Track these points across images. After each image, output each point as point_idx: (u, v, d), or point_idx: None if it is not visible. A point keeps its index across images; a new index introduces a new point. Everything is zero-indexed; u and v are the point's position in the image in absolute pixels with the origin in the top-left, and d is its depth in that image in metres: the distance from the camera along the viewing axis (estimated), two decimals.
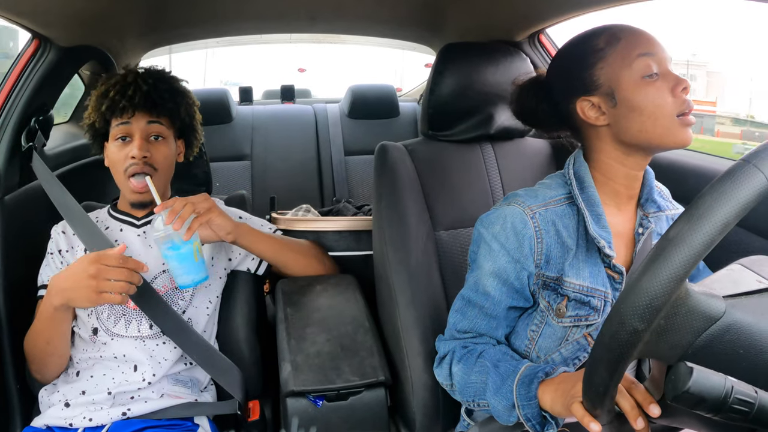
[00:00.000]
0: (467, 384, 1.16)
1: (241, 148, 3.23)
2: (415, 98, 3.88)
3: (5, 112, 1.66)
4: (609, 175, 1.15)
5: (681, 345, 0.68)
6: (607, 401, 0.74)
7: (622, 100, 1.08)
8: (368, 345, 1.46)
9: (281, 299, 1.61)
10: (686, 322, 0.67)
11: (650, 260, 0.63)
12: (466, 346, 1.21)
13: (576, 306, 1.13)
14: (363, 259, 1.80)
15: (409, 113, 3.51)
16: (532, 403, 1.02)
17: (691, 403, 0.67)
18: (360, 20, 2.57)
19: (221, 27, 2.62)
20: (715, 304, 0.68)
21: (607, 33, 1.11)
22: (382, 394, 1.38)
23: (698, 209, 0.62)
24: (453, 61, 1.58)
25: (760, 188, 0.60)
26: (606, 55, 1.10)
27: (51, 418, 1.37)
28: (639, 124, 1.07)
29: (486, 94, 1.57)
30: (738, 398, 0.65)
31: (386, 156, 1.56)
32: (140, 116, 1.49)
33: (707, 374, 0.66)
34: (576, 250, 1.14)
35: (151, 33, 2.36)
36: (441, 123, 1.61)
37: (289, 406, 1.34)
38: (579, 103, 1.14)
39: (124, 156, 1.48)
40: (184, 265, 1.35)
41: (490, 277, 1.18)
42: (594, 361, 0.72)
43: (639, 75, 1.06)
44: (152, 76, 1.53)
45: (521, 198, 1.17)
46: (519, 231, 1.14)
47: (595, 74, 1.11)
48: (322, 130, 3.38)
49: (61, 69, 1.80)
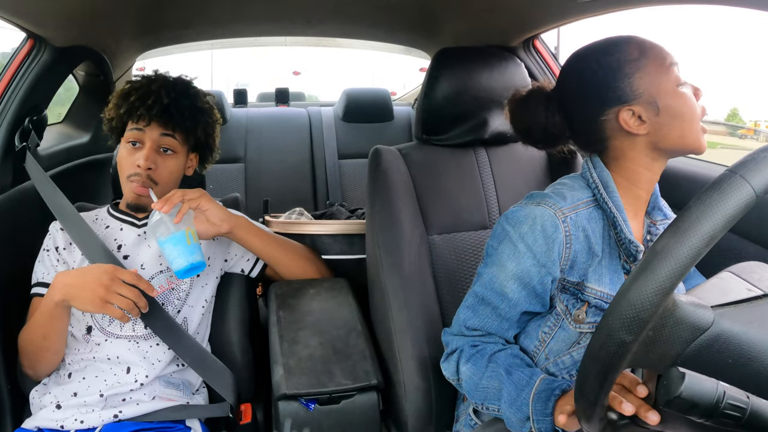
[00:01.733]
0: (477, 387, 1.15)
1: (234, 150, 3.23)
2: (410, 102, 3.89)
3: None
4: (634, 180, 1.14)
5: (670, 355, 0.68)
6: (598, 410, 0.74)
7: (665, 107, 1.07)
8: (361, 348, 1.46)
9: (274, 302, 1.61)
10: (674, 332, 0.67)
11: (637, 272, 0.64)
12: (475, 345, 1.19)
13: (596, 313, 1.12)
14: (356, 262, 1.80)
15: (404, 117, 3.52)
16: (547, 419, 1.02)
17: (683, 409, 0.67)
18: (356, 24, 2.58)
19: (217, 29, 2.62)
20: (703, 314, 0.68)
21: (636, 43, 1.10)
22: (374, 398, 1.38)
23: (684, 222, 0.62)
24: (448, 65, 1.58)
25: (747, 200, 0.61)
26: (643, 65, 1.08)
27: (42, 420, 1.36)
28: (679, 131, 1.07)
29: (480, 98, 1.57)
30: (730, 403, 0.65)
31: (380, 160, 1.56)
32: (155, 126, 1.49)
33: (699, 379, 0.66)
34: (601, 257, 1.13)
35: (145, 34, 2.36)
36: (435, 127, 1.61)
37: (281, 409, 1.33)
38: (621, 113, 1.10)
39: (132, 161, 1.49)
40: (178, 248, 1.34)
41: (511, 279, 1.14)
42: (584, 371, 0.72)
43: (674, 83, 1.08)
44: (177, 88, 1.53)
45: (551, 199, 1.13)
46: (549, 234, 1.11)
47: (635, 83, 1.09)
48: (317, 134, 3.38)
49: (55, 69, 1.80)
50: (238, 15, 2.32)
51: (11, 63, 1.70)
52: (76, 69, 2.16)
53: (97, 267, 1.32)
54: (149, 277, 1.48)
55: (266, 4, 2.20)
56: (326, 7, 2.26)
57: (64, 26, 1.71)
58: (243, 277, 1.67)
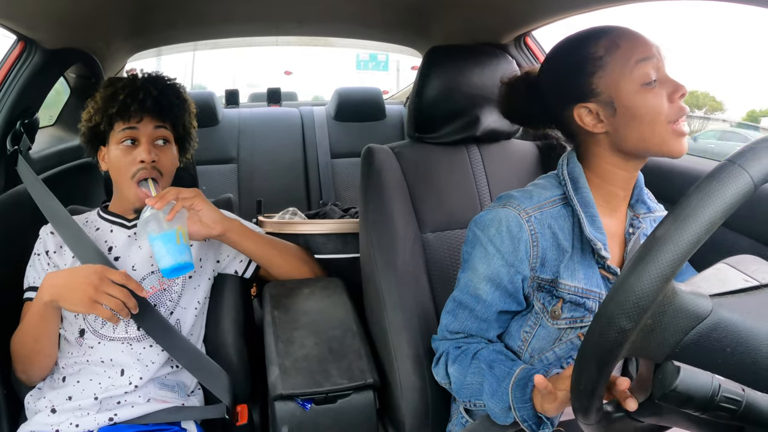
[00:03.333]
0: (463, 385, 1.17)
1: (227, 151, 3.22)
2: (402, 101, 3.89)
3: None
4: (606, 178, 1.14)
5: (669, 343, 0.69)
6: (596, 400, 0.74)
7: (622, 108, 1.06)
8: (356, 348, 1.46)
9: (269, 302, 1.60)
10: (673, 320, 0.68)
11: (637, 259, 0.64)
12: (459, 347, 1.21)
13: (571, 308, 1.13)
14: (350, 261, 1.80)
15: (396, 116, 3.52)
16: (527, 405, 1.04)
17: (678, 402, 0.67)
18: (347, 23, 2.58)
19: (207, 30, 2.61)
20: (702, 302, 0.68)
21: (606, 39, 1.08)
22: (370, 397, 1.38)
23: (684, 209, 0.62)
24: (439, 63, 1.58)
25: (745, 188, 0.61)
26: (605, 63, 1.07)
27: (37, 425, 1.36)
28: (638, 133, 1.05)
29: (472, 96, 1.57)
30: (725, 396, 0.66)
31: (373, 158, 1.56)
32: (148, 121, 1.50)
33: (694, 373, 0.67)
34: (571, 252, 1.13)
35: (136, 36, 2.36)
36: (427, 125, 1.61)
37: (278, 409, 1.33)
38: (576, 110, 1.11)
39: (131, 160, 1.48)
40: (167, 246, 1.33)
41: (483, 281, 1.17)
42: (582, 360, 0.72)
43: (638, 83, 1.04)
44: (160, 82, 1.55)
45: (516, 200, 1.15)
46: (515, 235, 1.13)
47: (594, 82, 1.08)
48: (309, 133, 3.38)
49: (46, 72, 1.80)
50: (229, 15, 2.32)
51: (2, 66, 1.69)
52: (68, 71, 2.15)
53: (86, 267, 1.32)
54: (140, 278, 1.48)
55: (256, 5, 2.20)
56: (317, 7, 2.26)
57: (55, 29, 1.71)
58: (237, 278, 1.66)
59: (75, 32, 1.83)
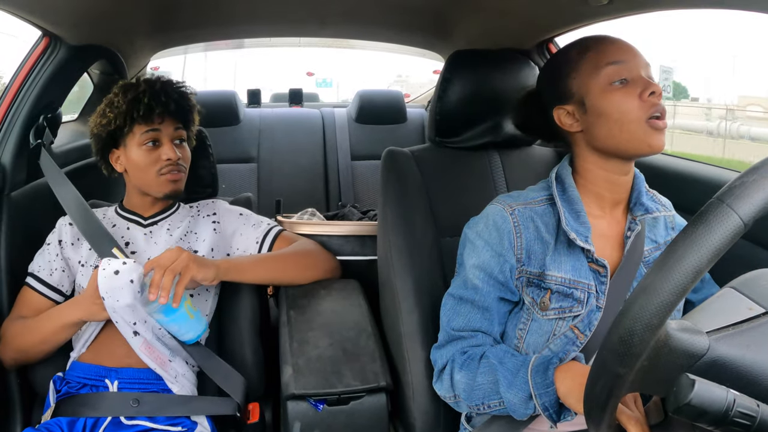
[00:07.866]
0: (474, 388, 1.15)
1: (247, 150, 3.24)
2: (423, 104, 3.89)
3: (14, 109, 1.67)
4: (590, 178, 1.21)
5: (668, 380, 0.69)
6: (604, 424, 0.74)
7: (591, 106, 1.14)
8: (370, 350, 1.46)
9: (285, 302, 1.61)
10: (669, 361, 0.68)
11: (625, 310, 0.64)
12: (465, 352, 1.21)
13: (559, 298, 1.16)
14: (367, 263, 1.80)
15: (417, 119, 3.52)
16: (549, 390, 1.04)
17: (692, 416, 0.66)
18: (369, 25, 2.58)
19: (231, 29, 2.62)
20: (698, 341, 0.68)
21: (580, 44, 1.19)
22: (383, 400, 1.38)
23: (670, 257, 0.62)
24: (461, 68, 1.58)
25: (734, 230, 0.60)
26: (579, 65, 1.16)
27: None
28: (606, 130, 1.12)
29: (494, 101, 1.56)
30: (740, 411, 0.64)
31: (393, 162, 1.56)
32: (169, 123, 1.56)
33: (709, 386, 0.65)
34: (555, 245, 1.18)
35: (160, 33, 2.37)
36: (448, 130, 1.61)
37: (290, 409, 1.34)
38: (556, 111, 1.21)
39: (155, 159, 1.54)
40: (182, 325, 1.42)
41: (476, 270, 1.22)
42: (588, 396, 0.73)
43: (606, 82, 1.12)
44: (175, 86, 1.60)
45: (503, 198, 1.25)
46: (500, 226, 1.20)
47: (569, 84, 1.18)
48: (330, 135, 3.38)
49: (70, 67, 1.81)
50: (253, 15, 2.33)
51: (26, 60, 1.71)
52: (91, 68, 2.17)
53: None
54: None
55: (280, 5, 2.20)
56: (340, 8, 2.26)
57: (79, 25, 1.72)
58: None
59: (99, 29, 1.85)
